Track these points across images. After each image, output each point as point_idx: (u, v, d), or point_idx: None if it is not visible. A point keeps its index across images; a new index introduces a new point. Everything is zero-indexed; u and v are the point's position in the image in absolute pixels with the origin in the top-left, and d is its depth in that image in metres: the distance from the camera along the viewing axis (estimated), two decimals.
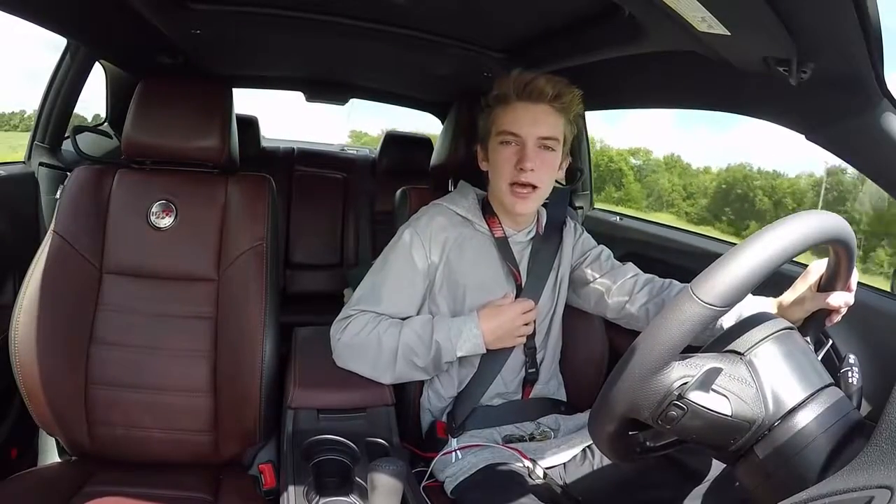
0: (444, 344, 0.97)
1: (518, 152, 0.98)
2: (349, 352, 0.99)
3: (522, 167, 0.97)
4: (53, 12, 1.19)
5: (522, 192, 0.99)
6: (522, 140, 0.98)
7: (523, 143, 0.98)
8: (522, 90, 0.98)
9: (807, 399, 0.55)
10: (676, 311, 0.53)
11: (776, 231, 0.54)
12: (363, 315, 1.00)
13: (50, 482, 0.96)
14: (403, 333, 0.97)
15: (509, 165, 0.98)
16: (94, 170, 1.10)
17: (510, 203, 1.01)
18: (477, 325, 0.98)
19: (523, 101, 0.99)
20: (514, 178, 0.98)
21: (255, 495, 1.00)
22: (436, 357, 0.97)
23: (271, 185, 1.16)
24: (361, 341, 0.98)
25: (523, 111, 0.98)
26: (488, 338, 0.98)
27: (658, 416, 0.56)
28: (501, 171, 0.99)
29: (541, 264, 1.08)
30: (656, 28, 0.90)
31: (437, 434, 1.05)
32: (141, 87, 1.11)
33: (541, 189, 1.00)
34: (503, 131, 0.99)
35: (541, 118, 0.98)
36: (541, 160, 0.98)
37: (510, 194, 1.00)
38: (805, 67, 0.75)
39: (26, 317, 0.99)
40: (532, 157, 0.97)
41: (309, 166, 2.40)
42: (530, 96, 0.98)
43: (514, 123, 0.98)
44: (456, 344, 0.97)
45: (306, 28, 1.38)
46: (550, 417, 1.10)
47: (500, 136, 0.99)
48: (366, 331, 0.98)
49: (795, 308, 0.79)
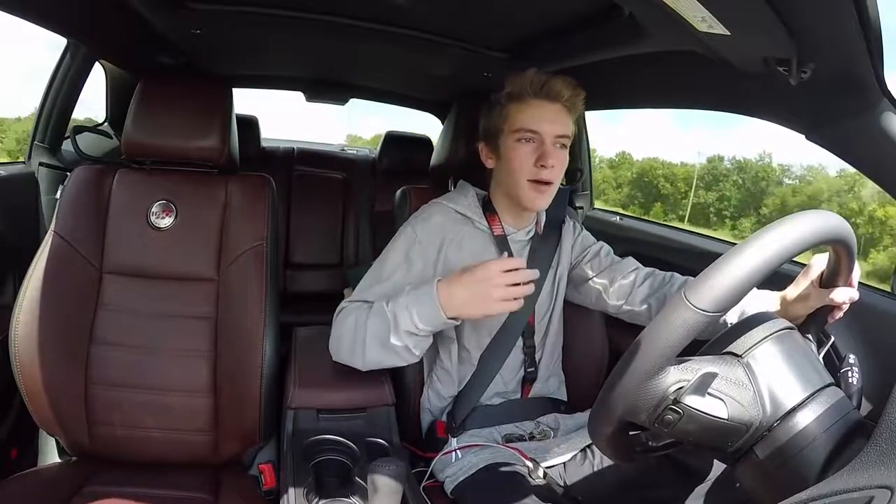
0: (401, 316, 0.89)
1: (537, 149, 0.99)
2: (334, 343, 0.98)
3: (544, 164, 0.98)
4: (53, 12, 1.19)
5: (541, 188, 1.00)
6: (541, 137, 0.99)
7: (542, 141, 0.99)
8: (540, 89, 0.99)
9: (807, 399, 0.55)
10: (670, 316, 0.53)
11: (772, 234, 0.53)
12: (352, 305, 0.99)
13: (50, 482, 0.96)
14: (371, 313, 0.93)
15: (528, 162, 0.99)
16: (94, 170, 1.10)
17: (529, 199, 1.01)
18: (434, 290, 0.89)
19: (540, 99, 0.99)
20: (535, 175, 0.99)
21: (255, 495, 1.00)
22: (398, 333, 0.89)
23: (271, 185, 1.16)
24: (341, 331, 0.96)
25: (541, 109, 0.99)
26: (448, 303, 0.87)
27: (655, 420, 0.56)
28: (520, 167, 1.00)
29: (539, 263, 1.08)
30: (656, 28, 0.90)
31: (437, 434, 1.05)
32: (141, 87, 1.11)
33: (555, 185, 1.01)
34: (522, 128, 0.99)
35: (557, 117, 1.00)
36: (557, 158, 1.00)
37: (530, 190, 1.00)
38: (805, 67, 0.75)
39: (26, 317, 0.99)
40: (552, 154, 0.98)
41: (309, 166, 2.40)
42: (548, 95, 0.99)
43: (532, 121, 0.99)
44: (413, 314, 0.88)
45: (306, 28, 1.38)
46: (550, 416, 1.10)
47: (518, 134, 1.00)
48: (349, 319, 0.96)
49: (799, 304, 0.80)
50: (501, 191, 1.07)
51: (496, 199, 1.08)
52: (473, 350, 1.06)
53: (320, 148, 2.81)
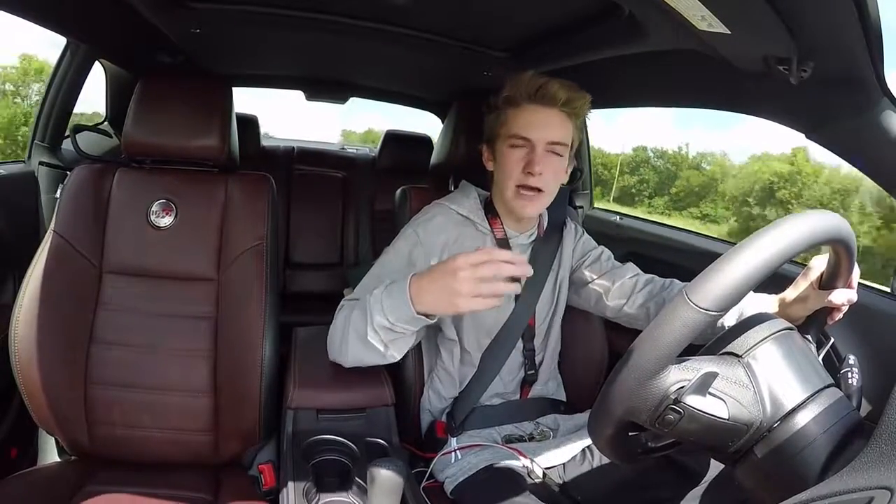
0: (375, 309, 0.85)
1: (526, 156, 0.97)
2: (328, 340, 0.97)
3: (531, 171, 0.96)
4: (53, 11, 1.19)
5: (529, 194, 0.98)
6: (532, 144, 0.97)
7: (532, 147, 0.97)
8: (535, 93, 0.97)
9: (806, 400, 0.55)
10: (671, 315, 0.53)
11: (772, 233, 0.53)
12: (349, 304, 0.97)
13: (50, 482, 0.96)
14: (357, 307, 0.90)
15: (517, 169, 0.98)
16: (93, 169, 1.10)
17: (517, 206, 1.01)
18: (407, 283, 0.83)
19: (534, 104, 0.98)
20: (522, 181, 0.98)
21: (255, 495, 0.99)
22: (373, 327, 0.85)
23: (271, 184, 1.16)
24: (334, 328, 0.95)
25: (534, 115, 0.98)
26: (418, 297, 0.81)
27: (655, 420, 0.56)
28: (509, 173, 0.99)
29: (539, 266, 1.08)
30: (656, 27, 0.90)
31: (436, 434, 1.05)
32: (141, 85, 1.11)
33: (546, 193, 1.00)
34: (513, 135, 0.98)
35: (551, 122, 0.98)
36: (548, 164, 0.98)
37: (517, 197, 0.99)
38: (805, 66, 0.75)
39: (26, 316, 0.99)
40: (540, 162, 0.96)
41: (309, 165, 2.40)
42: (542, 100, 0.97)
43: (524, 127, 0.97)
44: (384, 307, 0.84)
45: (306, 27, 1.38)
46: (549, 417, 1.10)
47: (510, 140, 0.99)
48: (341, 316, 0.94)
49: (798, 305, 0.79)
50: (499, 195, 1.07)
51: (497, 201, 1.08)
52: (474, 351, 1.06)
53: (320, 147, 2.81)
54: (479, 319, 1.04)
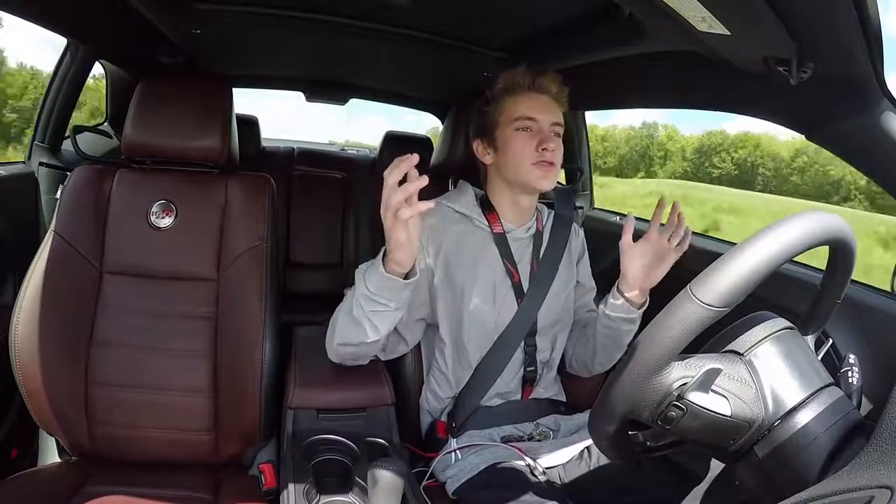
0: (358, 279, 0.88)
1: (536, 135, 1.02)
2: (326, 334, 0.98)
3: (546, 147, 1.01)
4: (53, 12, 1.19)
5: (546, 167, 1.02)
6: (539, 124, 1.02)
7: (540, 128, 1.02)
8: (532, 82, 1.04)
9: (807, 399, 0.55)
10: (676, 311, 0.53)
11: (776, 230, 0.53)
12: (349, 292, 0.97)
13: (50, 482, 0.96)
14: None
15: (530, 148, 1.02)
16: (94, 170, 1.10)
17: (536, 178, 1.02)
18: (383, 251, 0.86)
19: (534, 91, 1.04)
20: (537, 158, 1.01)
21: (255, 495, 0.99)
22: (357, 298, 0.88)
23: (271, 184, 1.16)
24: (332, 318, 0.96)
25: (536, 100, 1.04)
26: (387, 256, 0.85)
27: (658, 417, 0.56)
28: (522, 153, 1.02)
29: (545, 266, 1.09)
30: (656, 28, 0.90)
31: (437, 434, 1.05)
32: (141, 86, 1.11)
33: (557, 167, 1.04)
34: (521, 117, 1.03)
35: (550, 107, 1.05)
36: (556, 142, 1.03)
37: (536, 169, 1.02)
38: (805, 67, 0.75)
39: (26, 317, 0.99)
40: (551, 139, 1.02)
41: (309, 166, 2.40)
42: (539, 88, 1.04)
43: (531, 110, 1.03)
44: (364, 276, 0.87)
45: (306, 28, 1.38)
46: (550, 418, 1.10)
47: (518, 123, 1.03)
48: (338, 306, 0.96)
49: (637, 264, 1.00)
50: (501, 185, 1.07)
51: (494, 196, 1.09)
52: (473, 352, 1.05)
53: (320, 148, 2.81)
54: (481, 320, 1.04)
